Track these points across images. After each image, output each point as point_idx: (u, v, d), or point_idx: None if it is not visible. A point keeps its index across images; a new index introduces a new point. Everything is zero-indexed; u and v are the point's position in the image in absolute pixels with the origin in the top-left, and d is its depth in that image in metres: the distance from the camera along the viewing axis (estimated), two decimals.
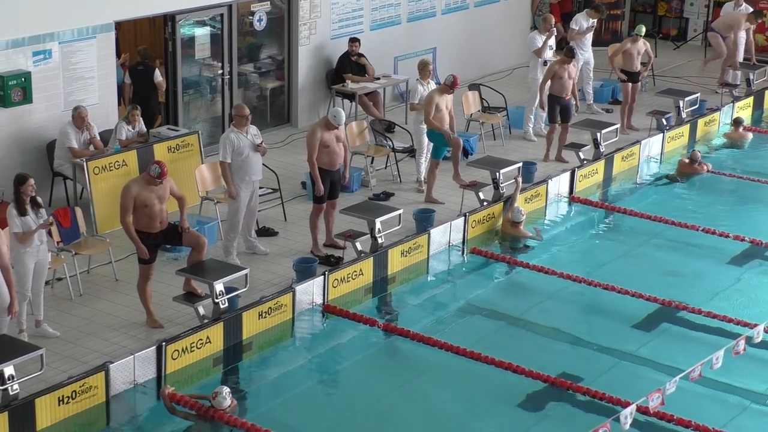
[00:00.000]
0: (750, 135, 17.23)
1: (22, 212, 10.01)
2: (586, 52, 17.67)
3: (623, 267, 12.88)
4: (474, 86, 17.13)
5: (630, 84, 16.87)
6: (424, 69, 14.60)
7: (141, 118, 13.47)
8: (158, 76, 14.68)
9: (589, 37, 17.84)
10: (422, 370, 10.61)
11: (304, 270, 11.65)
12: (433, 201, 13.94)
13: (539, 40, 16.58)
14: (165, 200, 10.72)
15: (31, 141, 13.11)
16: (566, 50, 15.63)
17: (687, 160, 15.71)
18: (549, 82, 15.46)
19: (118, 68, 14.55)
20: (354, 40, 16.60)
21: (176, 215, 10.98)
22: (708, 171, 15.61)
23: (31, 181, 10.04)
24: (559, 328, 11.36)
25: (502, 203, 13.59)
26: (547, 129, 15.91)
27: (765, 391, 10.23)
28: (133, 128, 13.33)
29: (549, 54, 16.62)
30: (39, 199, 10.22)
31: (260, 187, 12.61)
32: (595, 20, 17.85)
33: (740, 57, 18.88)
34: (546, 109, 15.74)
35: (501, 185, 13.74)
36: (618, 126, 15.82)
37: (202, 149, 13.76)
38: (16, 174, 10.22)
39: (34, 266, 10.20)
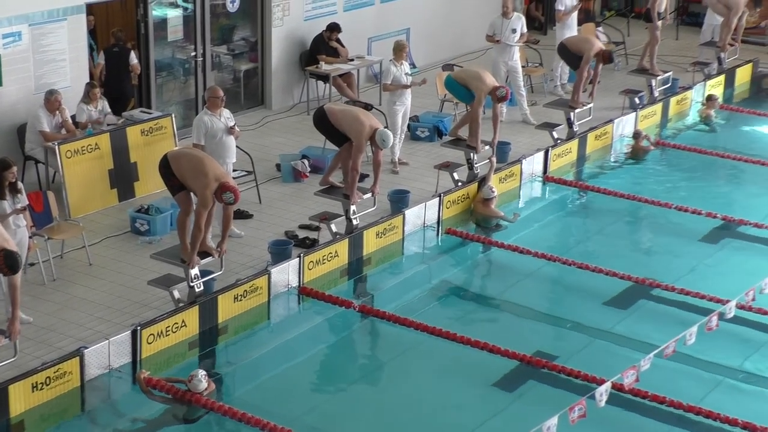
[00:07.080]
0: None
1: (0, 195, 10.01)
2: (573, 33, 17.60)
3: (597, 245, 12.93)
4: (447, 66, 17.08)
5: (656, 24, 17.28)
6: (400, 51, 14.59)
7: (104, 98, 13.33)
8: (133, 59, 14.55)
9: (575, 17, 17.80)
10: (398, 351, 10.63)
11: (280, 252, 11.63)
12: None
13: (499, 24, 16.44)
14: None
15: (2, 124, 12.99)
16: (607, 55, 15.37)
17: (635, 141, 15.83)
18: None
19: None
20: (332, 29, 16.46)
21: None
22: (655, 146, 15.74)
23: (14, 168, 10.22)
24: (533, 307, 11.40)
25: (477, 183, 13.60)
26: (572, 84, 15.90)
27: (738, 366, 10.31)
28: (95, 107, 13.18)
29: (513, 38, 16.41)
30: (20, 185, 10.28)
31: (234, 170, 12.55)
32: None
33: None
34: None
35: (475, 165, 13.75)
36: (591, 105, 15.79)
37: (176, 132, 13.68)
38: (0, 158, 10.29)
39: None
